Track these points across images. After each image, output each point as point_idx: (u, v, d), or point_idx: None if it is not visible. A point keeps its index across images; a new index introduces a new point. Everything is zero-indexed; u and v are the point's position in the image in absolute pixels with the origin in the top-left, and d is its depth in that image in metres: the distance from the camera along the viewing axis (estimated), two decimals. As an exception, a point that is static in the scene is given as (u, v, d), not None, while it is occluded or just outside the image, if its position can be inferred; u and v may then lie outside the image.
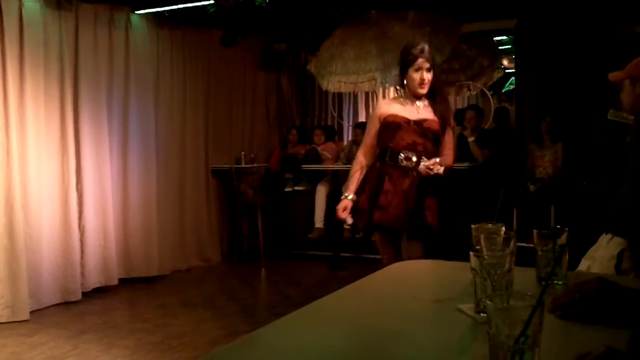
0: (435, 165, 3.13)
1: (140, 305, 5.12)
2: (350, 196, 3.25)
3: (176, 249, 6.28)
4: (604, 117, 2.15)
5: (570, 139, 5.65)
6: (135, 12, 5.83)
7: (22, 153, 4.74)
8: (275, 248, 6.79)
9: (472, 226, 1.55)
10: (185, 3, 5.79)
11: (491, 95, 7.70)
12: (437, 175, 3.14)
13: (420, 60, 3.17)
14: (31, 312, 4.66)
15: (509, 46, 7.48)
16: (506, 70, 7.76)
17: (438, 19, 5.96)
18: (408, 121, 3.20)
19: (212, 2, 5.68)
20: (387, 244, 3.28)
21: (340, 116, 8.06)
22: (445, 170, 3.21)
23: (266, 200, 6.70)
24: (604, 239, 2.08)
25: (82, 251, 5.25)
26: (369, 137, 3.33)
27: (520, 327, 0.84)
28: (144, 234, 5.83)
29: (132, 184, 5.80)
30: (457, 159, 3.88)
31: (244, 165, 6.79)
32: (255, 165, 6.86)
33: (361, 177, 3.31)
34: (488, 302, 0.91)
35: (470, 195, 5.05)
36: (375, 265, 2.03)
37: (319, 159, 6.88)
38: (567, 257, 1.50)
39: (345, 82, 6.39)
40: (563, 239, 1.48)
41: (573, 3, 5.76)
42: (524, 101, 6.33)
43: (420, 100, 3.26)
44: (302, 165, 6.76)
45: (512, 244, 1.41)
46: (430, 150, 3.22)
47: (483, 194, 4.75)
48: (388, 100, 3.50)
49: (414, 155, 3.17)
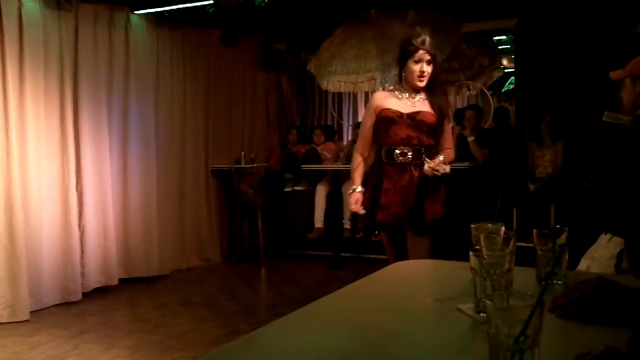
0: (440, 165, 3.05)
1: (140, 305, 5.12)
2: (359, 188, 3.22)
3: (176, 248, 6.28)
4: (611, 111, 2.14)
5: (570, 138, 5.65)
6: (135, 12, 5.83)
7: (22, 153, 4.74)
8: (275, 248, 6.79)
9: (472, 226, 1.55)
10: (185, 3, 5.79)
11: (491, 94, 7.69)
12: (444, 175, 3.07)
13: (421, 51, 3.08)
14: (31, 312, 4.66)
15: (509, 46, 7.48)
16: (506, 70, 7.76)
17: (438, 18, 5.95)
18: (401, 115, 3.13)
19: (212, 2, 5.68)
20: (391, 243, 3.24)
21: (340, 116, 8.05)
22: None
23: (266, 200, 6.70)
24: (604, 238, 2.09)
25: (82, 251, 5.25)
26: (366, 129, 3.27)
27: (520, 326, 0.84)
28: (144, 234, 5.83)
29: (132, 184, 5.80)
30: (457, 158, 3.84)
31: (243, 165, 6.79)
32: (255, 165, 6.86)
33: (363, 170, 3.28)
34: (488, 301, 0.91)
35: (470, 195, 5.05)
36: (375, 265, 2.03)
37: (318, 159, 6.88)
38: (567, 256, 1.50)
39: (345, 82, 6.39)
40: (563, 238, 1.48)
41: (573, 3, 5.76)
42: (523, 101, 6.33)
43: (418, 94, 3.17)
44: (302, 165, 6.76)
45: (511, 243, 1.41)
46: (426, 144, 3.14)
47: (483, 194, 4.76)
48: (384, 93, 3.34)
49: (409, 150, 3.11)
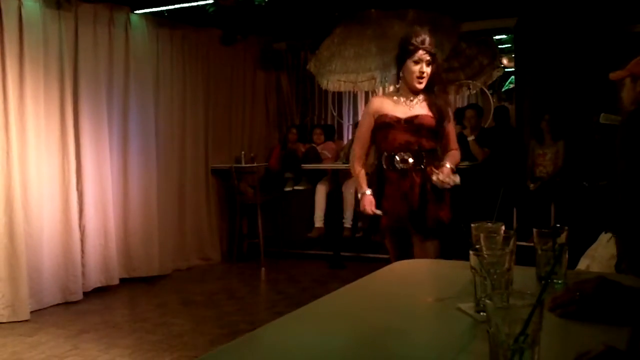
0: (450, 176, 2.99)
1: (140, 304, 5.12)
2: (368, 191, 3.13)
3: (176, 248, 6.28)
4: (608, 113, 2.14)
5: (571, 137, 5.65)
6: (135, 11, 5.83)
7: (22, 152, 4.73)
8: (275, 247, 6.79)
9: (472, 225, 1.55)
10: (185, 3, 5.79)
11: (491, 94, 7.69)
12: (455, 186, 3.01)
13: (421, 52, 2.98)
14: (31, 311, 4.66)
15: (509, 45, 7.48)
16: (506, 69, 7.76)
17: (438, 17, 5.95)
18: (398, 120, 3.05)
19: (212, 1, 5.67)
20: (394, 247, 3.19)
21: (340, 115, 8.05)
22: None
23: (266, 199, 6.70)
24: (604, 237, 2.09)
25: (83, 251, 5.25)
26: (364, 133, 3.21)
27: (520, 325, 0.84)
28: (144, 233, 5.83)
29: (132, 183, 5.79)
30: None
31: (243, 165, 6.79)
32: (255, 164, 6.86)
33: (365, 173, 3.24)
34: (488, 301, 0.91)
35: (469, 194, 5.05)
36: (375, 264, 2.03)
37: (318, 159, 6.88)
38: (567, 256, 1.50)
39: (344, 81, 6.39)
40: (563, 238, 1.48)
41: (573, 2, 5.76)
42: (523, 100, 6.33)
43: (416, 95, 3.08)
44: (302, 165, 6.76)
45: (511, 243, 1.41)
46: (426, 148, 3.07)
47: (483, 193, 4.75)
48: (381, 97, 3.28)
49: (410, 156, 3.04)
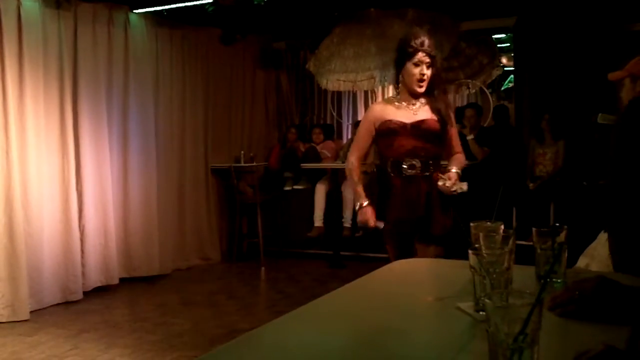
0: (457, 183, 2.93)
1: (140, 304, 5.12)
2: (366, 202, 3.07)
3: (176, 248, 6.28)
4: (605, 113, 2.14)
5: (570, 137, 5.65)
6: (134, 11, 5.83)
7: (22, 152, 4.73)
8: (275, 247, 6.79)
9: (471, 224, 1.55)
10: (184, 2, 5.79)
11: (490, 93, 7.69)
12: (462, 193, 2.96)
13: (421, 54, 2.92)
14: (31, 311, 4.66)
15: (508, 44, 7.48)
16: (505, 68, 7.76)
17: (437, 17, 5.95)
18: (404, 125, 2.97)
19: (211, 1, 5.67)
20: (396, 252, 3.09)
21: (340, 115, 8.05)
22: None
23: (266, 199, 6.69)
24: (603, 236, 2.08)
25: (83, 250, 5.25)
26: (362, 141, 3.12)
27: (519, 325, 0.84)
28: (144, 233, 5.83)
29: (132, 183, 5.79)
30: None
31: (243, 164, 6.79)
32: (255, 164, 6.86)
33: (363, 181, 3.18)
34: (487, 300, 0.91)
35: (469, 194, 5.05)
36: (375, 263, 2.04)
37: (318, 158, 6.88)
38: (566, 255, 1.50)
39: (344, 81, 6.39)
40: (562, 237, 1.48)
41: (572, 1, 5.76)
42: (523, 99, 6.33)
43: (417, 99, 3.01)
44: (302, 164, 6.76)
45: (511, 242, 1.41)
46: (432, 153, 3.00)
47: (482, 192, 4.75)
48: (381, 103, 3.20)
49: (418, 162, 2.95)
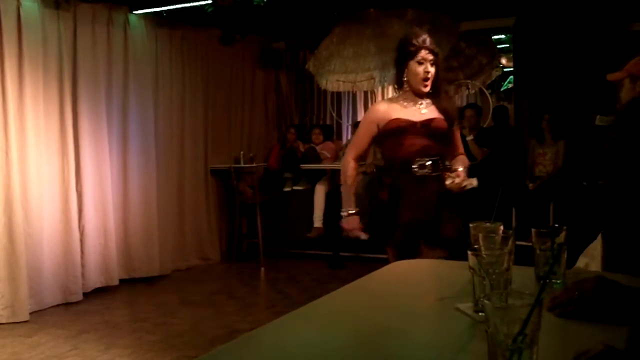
0: (465, 180, 2.85)
1: (139, 304, 5.12)
2: (354, 211, 2.97)
3: (176, 248, 6.28)
4: (604, 114, 2.15)
5: (570, 137, 5.65)
6: (134, 11, 5.83)
7: (22, 153, 4.73)
8: (275, 247, 6.79)
9: (471, 225, 1.55)
10: (184, 3, 5.79)
11: (490, 93, 7.69)
12: (472, 189, 2.87)
13: (424, 52, 2.84)
14: (31, 312, 4.66)
15: (508, 45, 7.48)
16: (505, 69, 7.76)
17: (437, 17, 5.95)
18: (414, 124, 2.86)
19: (210, 1, 5.67)
20: (400, 257, 2.96)
21: (339, 115, 8.05)
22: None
23: (265, 199, 6.70)
24: (603, 237, 2.08)
25: (83, 251, 5.25)
26: (361, 141, 3.00)
27: (518, 325, 0.84)
28: (144, 234, 5.83)
29: (132, 184, 5.79)
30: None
31: (243, 165, 6.79)
32: (254, 164, 6.86)
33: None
34: (486, 301, 0.91)
35: (468, 194, 5.05)
36: (374, 264, 2.03)
37: (317, 159, 6.88)
38: (566, 255, 1.50)
39: (343, 81, 6.39)
40: (561, 237, 1.48)
41: (571, 1, 5.76)
42: (522, 100, 6.33)
43: (421, 99, 2.92)
44: (301, 165, 6.76)
45: (510, 242, 1.41)
46: (440, 153, 2.92)
47: (481, 193, 4.75)
48: (384, 103, 3.06)
49: (429, 161, 2.85)
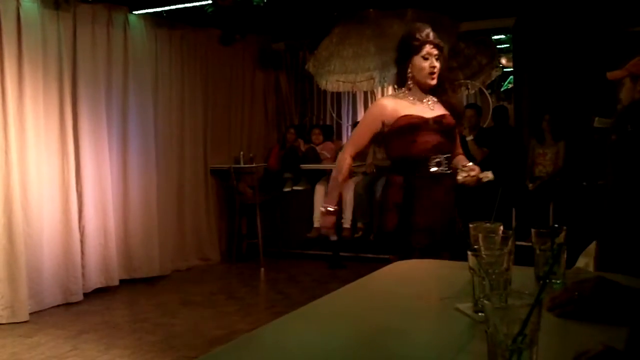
0: (482, 173, 2.73)
1: (139, 304, 5.12)
2: (333, 209, 2.84)
3: (176, 248, 6.27)
4: (603, 115, 2.15)
5: (570, 137, 5.66)
6: (133, 12, 5.82)
7: (22, 153, 4.73)
8: (275, 247, 6.79)
9: (470, 225, 1.55)
10: (183, 3, 5.79)
11: (490, 93, 7.69)
12: (488, 182, 2.71)
13: (429, 46, 2.75)
14: (31, 312, 4.66)
15: (507, 45, 7.48)
16: (504, 69, 7.76)
17: (436, 17, 5.95)
18: (426, 120, 2.74)
19: (210, 1, 5.67)
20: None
21: (339, 115, 8.04)
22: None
23: (265, 199, 6.70)
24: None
25: (83, 251, 5.24)
26: (363, 139, 2.87)
27: (518, 326, 0.84)
28: (144, 234, 5.82)
29: (132, 184, 5.79)
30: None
31: (242, 165, 6.79)
32: (254, 164, 6.86)
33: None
34: (486, 301, 0.91)
35: (468, 194, 5.05)
36: (374, 264, 2.03)
37: (317, 159, 6.88)
38: (566, 256, 1.50)
39: (343, 82, 6.39)
40: (561, 237, 1.48)
41: (571, 2, 5.76)
42: (522, 100, 6.33)
43: (427, 95, 2.81)
44: (301, 165, 6.76)
45: (510, 243, 1.41)
46: (451, 150, 2.84)
47: (481, 193, 4.75)
48: (391, 99, 2.87)
49: (443, 158, 2.75)
